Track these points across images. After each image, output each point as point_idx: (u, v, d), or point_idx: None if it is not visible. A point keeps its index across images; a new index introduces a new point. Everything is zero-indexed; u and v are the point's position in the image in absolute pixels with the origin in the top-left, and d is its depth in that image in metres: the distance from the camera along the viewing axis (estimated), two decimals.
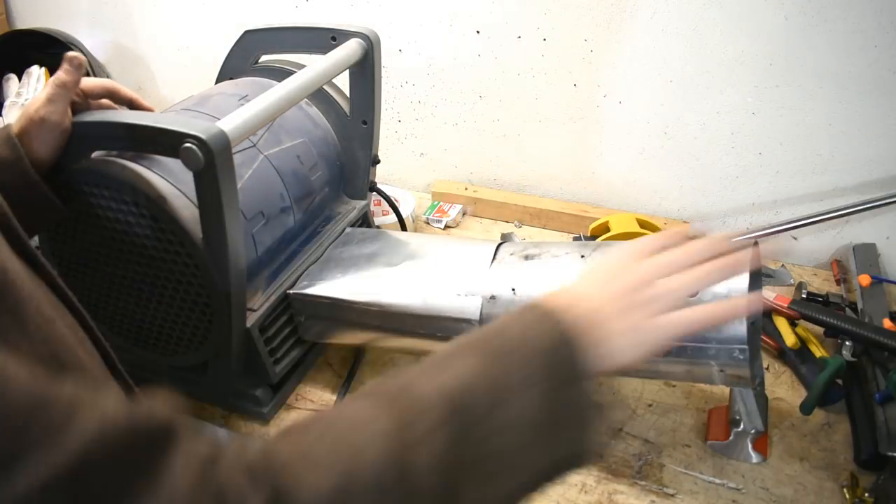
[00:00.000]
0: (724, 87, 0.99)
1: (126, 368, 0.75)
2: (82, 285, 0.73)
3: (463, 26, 1.10)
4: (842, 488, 0.69)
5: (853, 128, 0.95)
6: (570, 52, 1.05)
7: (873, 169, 0.97)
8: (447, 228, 1.16)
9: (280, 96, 0.67)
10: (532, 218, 1.17)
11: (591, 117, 1.10)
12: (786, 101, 0.97)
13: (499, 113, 1.16)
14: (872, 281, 0.92)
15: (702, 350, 0.60)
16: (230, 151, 0.59)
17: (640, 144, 1.09)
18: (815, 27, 0.90)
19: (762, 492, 0.69)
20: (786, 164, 1.02)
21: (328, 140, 0.88)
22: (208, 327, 0.70)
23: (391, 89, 1.21)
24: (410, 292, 0.73)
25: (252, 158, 0.75)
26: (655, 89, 1.03)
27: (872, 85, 0.91)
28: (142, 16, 1.38)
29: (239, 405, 0.77)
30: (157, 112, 0.69)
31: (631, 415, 0.78)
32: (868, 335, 0.77)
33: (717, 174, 1.07)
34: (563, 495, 0.69)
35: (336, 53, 0.78)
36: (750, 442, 0.71)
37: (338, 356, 0.87)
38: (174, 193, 0.64)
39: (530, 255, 0.71)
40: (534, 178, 1.21)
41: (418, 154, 1.27)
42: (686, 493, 0.69)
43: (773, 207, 1.06)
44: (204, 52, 1.36)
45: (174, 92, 1.46)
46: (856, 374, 0.79)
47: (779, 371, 0.84)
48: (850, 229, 1.03)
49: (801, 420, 0.77)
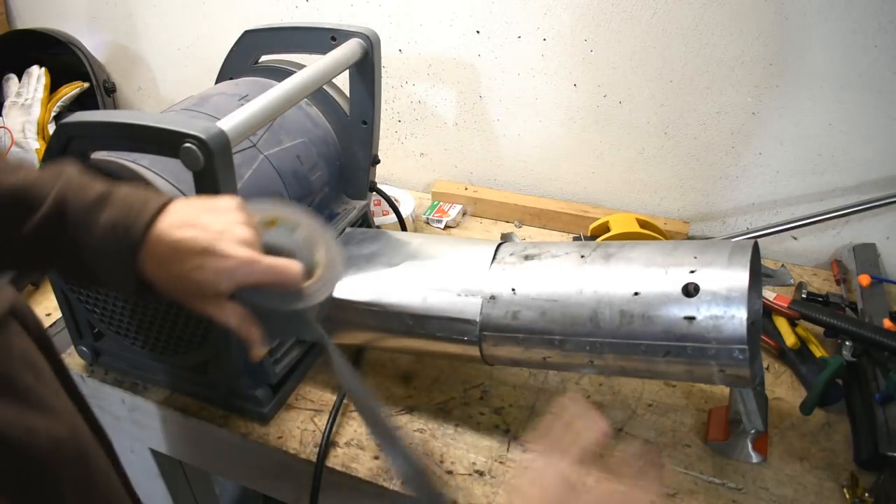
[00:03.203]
0: (724, 87, 0.99)
1: (126, 368, 0.76)
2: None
3: (463, 26, 1.10)
4: (842, 488, 0.69)
5: (853, 128, 0.95)
6: (570, 52, 1.05)
7: (873, 169, 0.97)
8: (447, 228, 1.16)
9: (280, 96, 0.67)
10: (532, 218, 1.17)
11: (591, 117, 1.10)
12: (786, 101, 0.97)
13: (499, 113, 1.16)
14: (872, 281, 0.92)
15: (702, 350, 0.60)
16: (230, 151, 0.59)
17: (640, 144, 1.09)
18: (815, 27, 0.90)
19: (762, 492, 0.69)
20: (786, 164, 1.02)
21: (328, 140, 0.88)
22: (208, 327, 0.70)
23: (391, 89, 1.21)
24: (410, 292, 0.73)
25: (252, 158, 0.75)
26: (655, 89, 1.03)
27: (872, 85, 0.91)
28: (142, 16, 1.38)
29: (239, 405, 0.77)
30: (157, 112, 0.69)
31: (631, 415, 0.78)
32: (868, 335, 0.77)
33: (717, 174, 1.07)
34: None
35: (336, 53, 0.78)
36: (750, 442, 0.71)
37: None
38: (174, 193, 0.64)
39: (530, 255, 0.71)
40: (534, 178, 1.21)
41: (418, 154, 1.27)
42: (686, 493, 0.69)
43: (773, 207, 1.06)
44: (204, 52, 1.36)
45: (174, 92, 1.46)
46: (856, 374, 0.79)
47: (779, 371, 0.84)
48: (850, 229, 1.03)
49: (801, 420, 0.77)
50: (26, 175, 0.53)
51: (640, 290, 0.63)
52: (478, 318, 0.69)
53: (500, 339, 0.69)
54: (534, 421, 0.77)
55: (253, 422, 0.77)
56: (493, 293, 0.70)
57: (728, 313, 0.59)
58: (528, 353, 0.69)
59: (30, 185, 0.52)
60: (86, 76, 1.39)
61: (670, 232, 1.07)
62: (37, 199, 0.52)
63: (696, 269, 0.61)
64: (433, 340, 0.73)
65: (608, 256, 0.67)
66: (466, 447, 0.74)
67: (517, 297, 0.68)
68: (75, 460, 0.35)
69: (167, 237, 0.51)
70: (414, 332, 0.73)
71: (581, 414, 0.52)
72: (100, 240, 0.51)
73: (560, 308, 0.66)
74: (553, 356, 0.68)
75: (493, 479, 0.70)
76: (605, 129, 1.10)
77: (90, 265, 0.53)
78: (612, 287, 0.64)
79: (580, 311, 0.65)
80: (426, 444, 0.75)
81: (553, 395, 0.81)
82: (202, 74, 1.36)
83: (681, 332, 0.61)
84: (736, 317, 0.58)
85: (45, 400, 0.35)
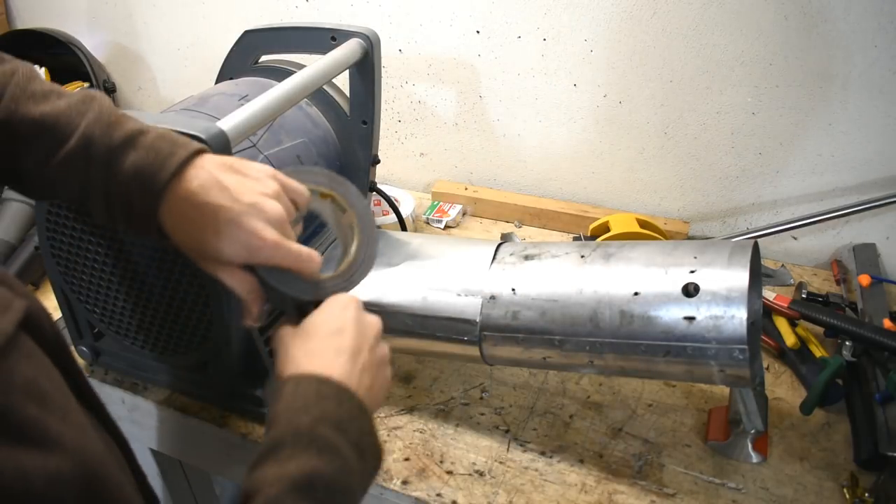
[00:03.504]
0: (724, 87, 0.99)
1: (126, 368, 0.75)
2: (83, 285, 0.73)
3: (463, 26, 1.10)
4: (842, 488, 0.69)
5: (853, 128, 0.95)
6: (570, 52, 1.05)
7: (873, 169, 0.97)
8: (447, 228, 1.16)
9: (280, 96, 0.67)
10: (532, 218, 1.17)
11: (590, 117, 1.10)
12: (786, 101, 0.97)
13: (499, 113, 1.16)
14: (872, 281, 0.92)
15: (702, 350, 0.60)
16: (230, 151, 0.59)
17: (640, 144, 1.09)
18: (815, 27, 0.90)
19: (762, 492, 0.69)
20: (786, 164, 1.02)
21: (328, 140, 0.88)
22: (208, 327, 0.70)
23: (391, 89, 1.21)
24: (410, 292, 0.73)
25: (252, 158, 0.75)
26: (655, 89, 1.03)
27: (872, 85, 0.91)
28: (142, 16, 1.38)
29: (239, 405, 0.77)
30: (157, 112, 0.69)
31: (631, 415, 0.78)
32: (868, 335, 0.77)
33: (717, 174, 1.07)
34: (564, 495, 0.69)
35: (336, 53, 0.78)
36: (750, 442, 0.71)
37: None
38: None
39: (530, 255, 0.71)
40: (534, 178, 1.21)
41: (418, 154, 1.27)
42: (686, 493, 0.69)
43: (773, 207, 1.06)
44: (204, 52, 1.36)
45: (174, 92, 1.46)
46: (856, 374, 0.79)
47: (779, 371, 0.84)
48: (850, 229, 1.03)
49: (801, 420, 0.77)
50: (56, 104, 0.51)
51: (640, 290, 0.63)
52: (478, 318, 0.69)
53: (500, 339, 0.69)
54: (534, 421, 0.77)
55: (253, 422, 0.77)
56: (493, 293, 0.70)
57: (728, 313, 0.59)
58: (528, 353, 0.69)
59: (58, 114, 0.50)
60: (86, 76, 1.39)
61: (670, 232, 1.07)
62: (64, 131, 0.50)
63: (696, 269, 0.61)
64: (433, 340, 0.73)
65: (608, 256, 0.67)
66: (466, 447, 0.74)
67: (517, 297, 0.68)
68: (77, 490, 0.34)
69: (192, 197, 0.49)
70: (414, 332, 0.73)
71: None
72: (122, 184, 0.49)
73: (560, 308, 0.66)
74: (553, 356, 0.68)
75: (493, 479, 0.71)
76: (605, 129, 1.10)
77: (112, 208, 0.51)
78: (612, 287, 0.64)
79: (580, 311, 0.65)
80: (426, 444, 0.75)
81: (553, 395, 0.81)
82: (202, 74, 1.36)
83: (681, 332, 0.61)
84: (736, 317, 0.58)
85: (49, 430, 0.33)
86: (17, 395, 0.33)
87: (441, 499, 0.69)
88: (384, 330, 0.56)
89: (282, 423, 0.44)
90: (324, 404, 0.45)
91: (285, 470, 0.41)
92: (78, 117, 0.50)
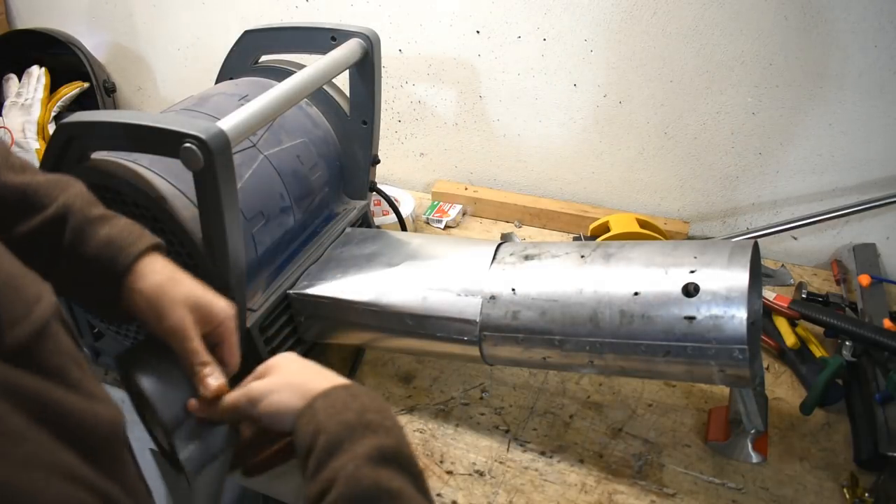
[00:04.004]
0: (724, 87, 0.99)
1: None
2: None
3: (463, 26, 1.10)
4: (842, 488, 0.69)
5: (853, 128, 0.95)
6: (570, 52, 1.05)
7: (873, 169, 0.97)
8: (447, 228, 1.16)
9: (280, 96, 0.67)
10: (532, 218, 1.17)
11: (590, 117, 1.10)
12: (786, 101, 0.97)
13: (499, 113, 1.16)
14: (872, 281, 0.92)
15: (702, 350, 0.60)
16: (230, 151, 0.59)
17: (640, 144, 1.09)
18: (815, 27, 0.90)
19: (762, 492, 0.69)
20: (786, 164, 1.02)
21: (328, 140, 0.88)
22: None
23: (391, 89, 1.21)
24: (410, 292, 0.73)
25: (252, 158, 0.75)
26: (655, 89, 1.03)
27: (872, 85, 0.91)
28: (142, 16, 1.38)
29: None
30: (157, 112, 0.69)
31: (631, 415, 0.78)
32: (868, 335, 0.77)
33: (717, 174, 1.07)
34: (564, 495, 0.69)
35: (336, 53, 0.78)
36: (750, 442, 0.71)
37: (338, 356, 0.87)
38: (174, 193, 0.64)
39: (530, 255, 0.71)
40: (533, 178, 1.21)
41: (418, 154, 1.27)
42: (686, 493, 0.69)
43: (773, 207, 1.06)
44: (204, 52, 1.36)
45: (174, 92, 1.46)
46: (856, 374, 0.79)
47: (779, 371, 0.84)
48: (850, 229, 1.03)
49: (801, 420, 0.77)
50: (33, 177, 0.54)
51: (640, 290, 0.63)
52: (478, 318, 0.69)
53: (500, 339, 0.69)
54: (534, 421, 0.77)
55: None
56: (493, 293, 0.70)
57: (728, 313, 0.59)
58: (528, 353, 0.69)
59: (36, 187, 0.53)
60: (86, 76, 1.39)
61: (670, 232, 1.07)
62: (41, 202, 0.52)
63: (696, 269, 0.62)
64: (433, 340, 0.73)
65: (608, 256, 0.67)
66: (466, 447, 0.74)
67: (517, 297, 0.68)
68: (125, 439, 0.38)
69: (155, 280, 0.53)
70: (414, 332, 0.73)
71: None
72: (93, 252, 0.53)
73: (560, 308, 0.66)
74: (553, 356, 0.68)
75: (493, 479, 0.71)
76: (605, 129, 1.10)
77: (78, 278, 0.53)
78: (612, 287, 0.64)
79: (580, 311, 0.65)
80: (426, 444, 0.75)
81: (553, 395, 0.81)
82: (202, 74, 1.36)
83: (681, 332, 0.61)
84: (736, 317, 0.58)
85: (94, 390, 0.37)
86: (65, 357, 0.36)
87: (441, 499, 0.69)
88: (384, 330, 0.56)
89: (330, 427, 0.46)
90: (359, 399, 0.48)
91: (354, 454, 0.44)
92: (57, 191, 0.54)
